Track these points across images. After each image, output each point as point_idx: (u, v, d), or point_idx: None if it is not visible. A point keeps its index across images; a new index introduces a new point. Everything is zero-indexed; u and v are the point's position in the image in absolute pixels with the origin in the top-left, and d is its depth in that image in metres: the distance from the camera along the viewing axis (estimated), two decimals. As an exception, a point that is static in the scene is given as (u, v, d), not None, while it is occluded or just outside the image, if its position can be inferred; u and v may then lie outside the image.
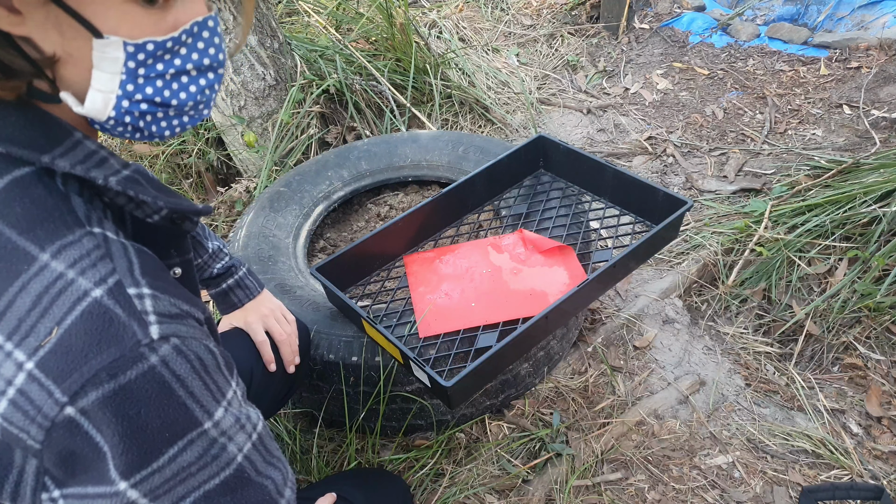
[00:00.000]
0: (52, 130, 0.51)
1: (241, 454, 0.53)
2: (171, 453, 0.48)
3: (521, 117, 2.54)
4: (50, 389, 0.45)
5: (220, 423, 0.51)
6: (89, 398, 0.45)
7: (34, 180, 0.49)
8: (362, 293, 1.36)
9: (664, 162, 2.32)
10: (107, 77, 0.51)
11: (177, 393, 0.48)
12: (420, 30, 2.54)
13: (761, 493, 1.33)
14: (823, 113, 2.41)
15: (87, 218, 0.50)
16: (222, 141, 2.20)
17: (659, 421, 1.47)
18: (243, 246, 1.46)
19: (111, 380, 0.45)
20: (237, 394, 0.54)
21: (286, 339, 1.08)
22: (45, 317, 0.46)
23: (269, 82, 2.01)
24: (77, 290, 0.46)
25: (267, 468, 0.56)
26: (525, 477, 1.36)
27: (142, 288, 0.49)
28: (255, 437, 0.55)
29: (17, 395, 0.45)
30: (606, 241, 1.75)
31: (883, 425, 1.45)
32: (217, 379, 0.52)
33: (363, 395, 1.27)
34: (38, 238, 0.47)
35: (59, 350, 0.45)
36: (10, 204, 0.48)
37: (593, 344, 1.62)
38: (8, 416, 0.46)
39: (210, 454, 0.50)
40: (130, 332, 0.47)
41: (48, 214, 0.48)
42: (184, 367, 0.49)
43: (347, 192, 1.66)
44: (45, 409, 0.45)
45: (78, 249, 0.48)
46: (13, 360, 0.45)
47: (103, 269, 0.48)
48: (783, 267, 1.75)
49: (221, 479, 0.51)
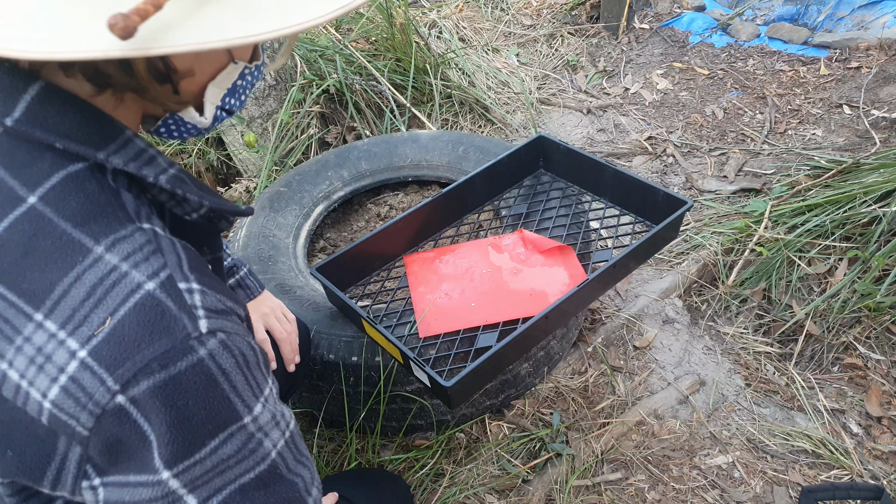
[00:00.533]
0: (106, 128, 0.53)
1: (275, 450, 0.55)
2: (213, 444, 0.49)
3: (521, 117, 2.54)
4: (102, 377, 0.46)
5: (258, 419, 0.53)
6: (141, 387, 0.46)
7: (88, 176, 0.51)
8: (362, 293, 1.36)
9: (664, 162, 2.32)
10: (218, 91, 0.59)
11: (222, 386, 0.50)
12: (420, 30, 2.54)
13: (761, 493, 1.33)
14: (823, 113, 2.41)
15: (136, 214, 0.52)
16: (222, 141, 2.20)
17: (659, 421, 1.47)
18: (243, 246, 1.46)
19: (162, 370, 0.47)
20: (273, 391, 0.56)
21: (286, 338, 1.08)
22: (99, 307, 0.47)
23: (269, 82, 2.01)
24: (131, 282, 0.48)
25: (297, 466, 0.58)
26: (525, 477, 1.36)
27: (191, 283, 0.51)
28: (287, 434, 0.57)
29: (70, 382, 0.46)
30: (606, 241, 1.75)
31: (883, 425, 1.45)
32: (256, 375, 0.54)
33: (363, 395, 1.27)
34: (93, 231, 0.49)
35: (112, 339, 0.46)
36: (66, 198, 0.50)
37: (593, 344, 1.62)
38: (59, 403, 0.47)
39: (248, 448, 0.52)
40: (181, 325, 0.48)
41: (101, 209, 0.50)
42: (229, 362, 0.50)
43: (347, 192, 1.66)
44: (97, 397, 0.46)
45: (131, 243, 0.50)
46: (66, 348, 0.46)
47: (155, 263, 0.50)
48: (783, 267, 1.75)
49: (256, 473, 0.53)
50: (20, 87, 0.50)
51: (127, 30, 0.41)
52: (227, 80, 0.59)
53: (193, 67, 0.55)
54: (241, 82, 0.62)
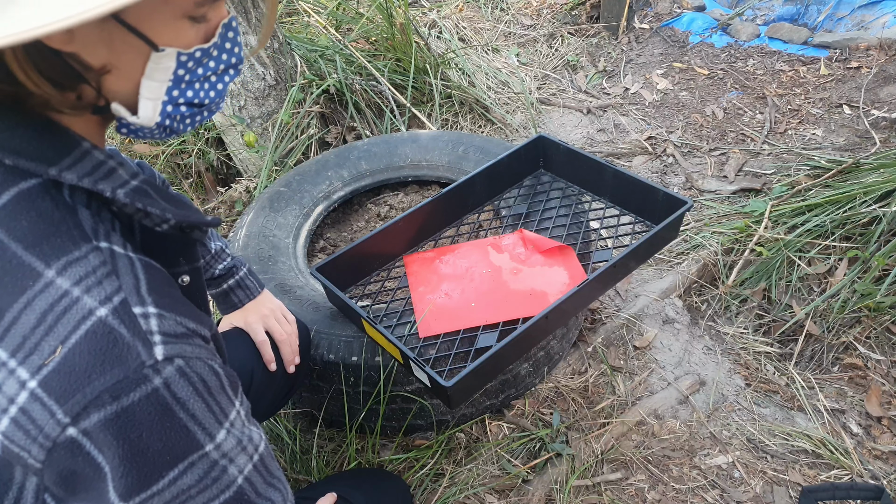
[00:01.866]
0: (59, 141, 0.51)
1: (241, 476, 0.53)
2: (171, 476, 0.48)
3: (521, 117, 2.54)
4: (52, 410, 0.44)
5: (221, 446, 0.51)
6: (91, 419, 0.44)
7: (41, 193, 0.49)
8: (362, 293, 1.36)
9: (664, 162, 2.32)
10: (156, 85, 0.53)
11: (178, 416, 0.48)
12: (420, 30, 2.54)
13: (761, 493, 1.33)
14: (823, 113, 2.41)
15: (94, 232, 0.50)
16: (222, 141, 2.20)
17: (659, 421, 1.47)
18: (243, 246, 1.46)
19: (114, 401, 0.45)
20: (240, 413, 0.54)
21: (286, 339, 1.08)
22: (50, 335, 0.45)
23: (269, 82, 2.01)
24: (82, 308, 0.46)
25: (267, 489, 0.56)
26: (525, 477, 1.36)
27: (147, 307, 0.49)
28: (256, 458, 0.55)
29: (20, 413, 0.45)
30: (606, 241, 1.75)
31: (883, 425, 1.45)
32: (220, 400, 0.52)
33: (363, 395, 1.27)
34: (45, 253, 0.47)
35: (63, 370, 0.45)
36: (17, 217, 0.48)
37: (593, 344, 1.62)
38: (9, 435, 0.45)
39: (210, 476, 0.50)
40: (135, 353, 0.46)
41: (55, 229, 0.48)
42: (186, 390, 0.48)
43: (347, 192, 1.66)
44: (47, 430, 0.44)
45: (84, 266, 0.47)
46: (16, 378, 0.45)
47: (109, 286, 0.47)
48: (783, 267, 1.75)
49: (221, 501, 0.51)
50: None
51: None
52: (162, 70, 0.53)
53: (110, 62, 0.50)
54: (186, 71, 0.54)
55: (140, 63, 0.52)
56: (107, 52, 0.50)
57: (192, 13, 0.52)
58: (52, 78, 0.48)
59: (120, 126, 0.57)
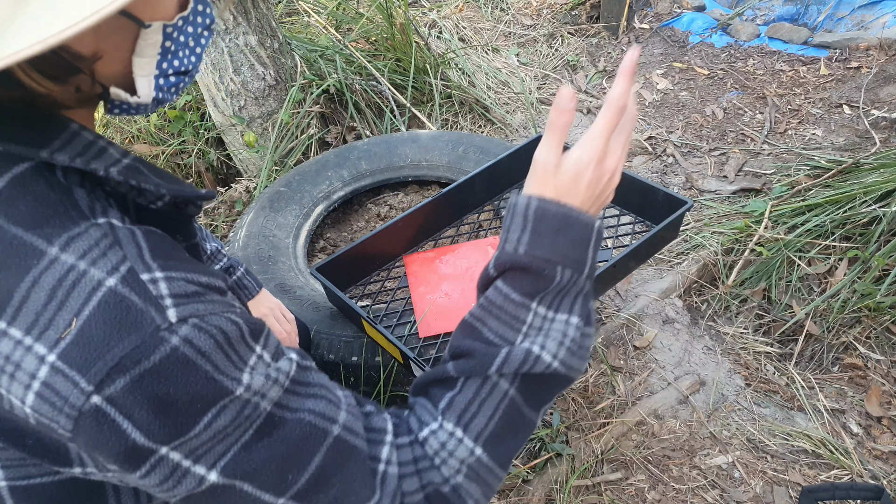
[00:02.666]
0: (48, 124, 0.51)
1: (272, 404, 0.53)
2: (205, 420, 0.49)
3: (521, 117, 2.54)
4: (75, 380, 0.45)
5: (251, 386, 0.51)
6: (116, 385, 0.45)
7: (35, 176, 0.49)
8: (362, 293, 1.36)
9: (664, 162, 2.32)
10: (146, 61, 0.54)
11: (203, 368, 0.48)
12: (420, 30, 2.54)
13: (761, 493, 1.33)
14: (823, 113, 2.41)
15: (90, 209, 0.50)
16: (222, 141, 2.20)
17: (659, 421, 1.47)
18: (243, 246, 1.46)
19: (136, 365, 0.46)
20: (263, 357, 0.54)
21: (286, 338, 1.08)
22: (63, 309, 0.46)
23: (269, 82, 2.01)
24: (91, 280, 0.46)
25: (304, 402, 0.55)
26: (525, 477, 1.36)
27: (154, 272, 0.49)
28: (286, 383, 0.54)
29: (43, 387, 0.45)
30: (606, 241, 1.75)
31: (883, 425, 1.45)
32: (239, 349, 0.52)
33: (363, 395, 1.27)
34: (45, 233, 0.47)
35: (81, 341, 0.45)
36: (14, 202, 0.48)
37: (593, 344, 1.62)
38: (37, 409, 0.46)
39: (244, 414, 0.51)
40: (149, 318, 0.47)
41: (52, 209, 0.48)
42: (207, 343, 0.49)
43: (347, 192, 1.66)
44: (72, 399, 0.45)
45: (86, 240, 0.48)
46: (34, 354, 0.46)
47: (114, 257, 0.48)
48: (783, 267, 1.75)
49: (254, 429, 0.52)
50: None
51: None
52: (151, 46, 0.53)
53: (99, 47, 0.50)
54: (172, 42, 0.55)
55: (128, 43, 0.52)
56: (94, 38, 0.50)
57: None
58: (49, 74, 0.48)
59: (112, 107, 0.57)
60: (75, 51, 0.49)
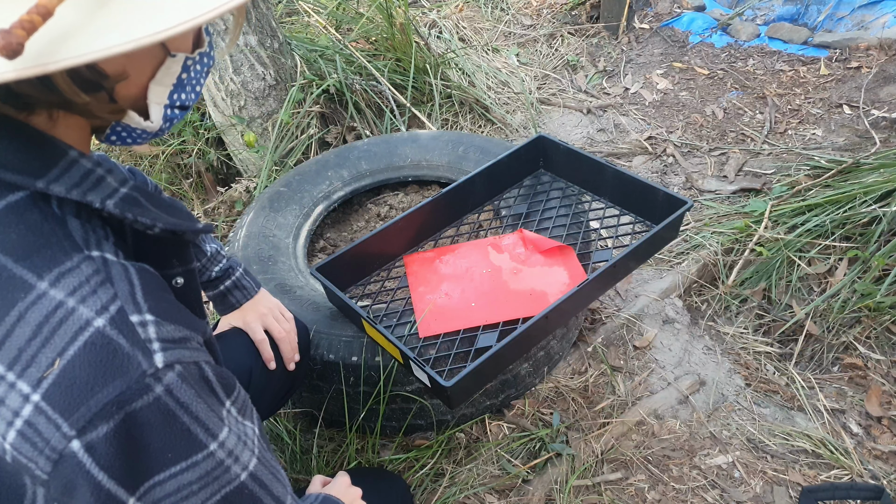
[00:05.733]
0: (46, 152, 0.50)
1: (245, 472, 0.54)
2: (173, 471, 0.48)
3: (521, 117, 2.54)
4: (58, 423, 0.45)
5: (225, 443, 0.52)
6: (98, 432, 0.45)
7: (29, 205, 0.48)
8: (362, 293, 1.36)
9: (664, 162, 2.32)
10: (162, 90, 0.55)
11: (181, 419, 0.48)
12: (420, 30, 2.54)
13: (761, 493, 1.33)
14: (823, 113, 2.41)
15: (84, 241, 0.49)
16: (222, 141, 2.20)
17: (659, 421, 1.47)
18: (243, 246, 1.46)
19: (119, 411, 0.45)
20: (231, 412, 0.54)
21: (285, 337, 1.08)
22: (46, 347, 0.45)
23: (269, 82, 2.01)
24: (78, 319, 0.46)
25: (273, 482, 0.57)
26: (525, 477, 1.36)
27: (144, 314, 0.49)
28: (257, 452, 0.55)
29: (26, 426, 0.45)
30: (606, 241, 1.75)
31: (883, 425, 1.45)
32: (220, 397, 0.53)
33: (363, 395, 1.27)
34: (35, 265, 0.47)
35: (64, 382, 0.45)
36: (6, 231, 0.47)
37: (593, 344, 1.62)
38: (17, 447, 0.46)
39: (212, 474, 0.51)
40: (135, 363, 0.46)
41: (45, 241, 0.48)
42: (188, 393, 0.49)
43: (347, 192, 1.66)
44: (53, 442, 0.45)
45: (77, 276, 0.47)
46: (18, 392, 0.45)
47: (104, 295, 0.47)
48: (783, 267, 1.75)
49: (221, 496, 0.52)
50: None
51: (10, 48, 0.36)
52: (170, 75, 0.55)
53: (126, 69, 0.51)
54: (187, 75, 0.57)
55: (151, 69, 0.54)
56: (124, 59, 0.50)
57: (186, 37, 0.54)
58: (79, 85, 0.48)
59: (111, 134, 0.57)
60: (101, 69, 0.49)
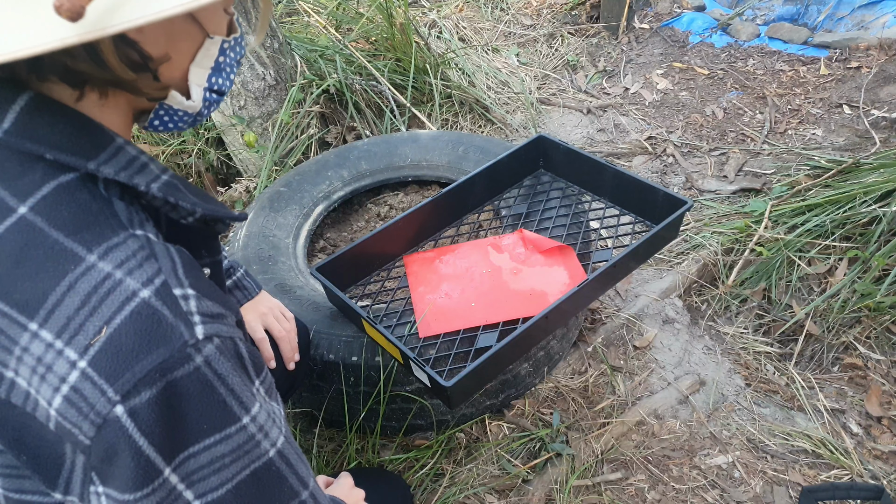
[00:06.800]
0: (96, 137, 0.53)
1: (274, 449, 0.55)
2: (207, 442, 0.50)
3: (521, 117, 2.54)
4: (103, 388, 0.46)
5: (256, 418, 0.54)
6: (142, 397, 0.47)
7: (79, 185, 0.51)
8: (362, 293, 1.36)
9: (664, 162, 2.32)
10: (202, 72, 0.58)
11: (218, 391, 0.50)
12: (420, 30, 2.54)
13: (761, 493, 1.33)
14: (823, 113, 2.41)
15: (129, 221, 0.52)
16: (222, 141, 2.20)
17: (659, 421, 1.47)
18: (243, 246, 1.46)
19: (161, 378, 0.47)
20: (259, 391, 0.56)
21: (285, 336, 1.08)
22: (94, 315, 0.47)
23: (269, 82, 2.01)
24: (125, 290, 0.48)
25: (298, 463, 0.59)
26: (525, 477, 1.36)
27: (186, 288, 0.51)
28: (284, 430, 0.58)
29: (72, 392, 0.47)
30: (606, 241, 1.75)
31: (883, 425, 1.45)
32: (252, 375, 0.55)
33: (363, 395, 1.27)
34: (85, 240, 0.49)
35: (110, 349, 0.47)
36: (58, 208, 0.50)
37: (593, 344, 1.62)
38: (62, 412, 0.47)
39: (244, 448, 0.53)
40: (178, 333, 0.48)
41: (94, 218, 0.50)
42: (225, 366, 0.51)
43: (347, 192, 1.66)
44: (98, 407, 0.47)
45: (124, 251, 0.50)
46: (65, 358, 0.47)
47: (149, 269, 0.50)
48: (783, 267, 1.75)
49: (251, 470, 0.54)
50: (9, 99, 0.50)
51: (73, 10, 0.40)
52: (208, 57, 0.58)
53: (168, 51, 0.54)
54: (224, 58, 0.60)
55: (191, 51, 0.57)
56: (166, 41, 0.53)
57: (227, 4, 0.58)
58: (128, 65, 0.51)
59: (154, 119, 0.60)
60: (145, 51, 0.52)
